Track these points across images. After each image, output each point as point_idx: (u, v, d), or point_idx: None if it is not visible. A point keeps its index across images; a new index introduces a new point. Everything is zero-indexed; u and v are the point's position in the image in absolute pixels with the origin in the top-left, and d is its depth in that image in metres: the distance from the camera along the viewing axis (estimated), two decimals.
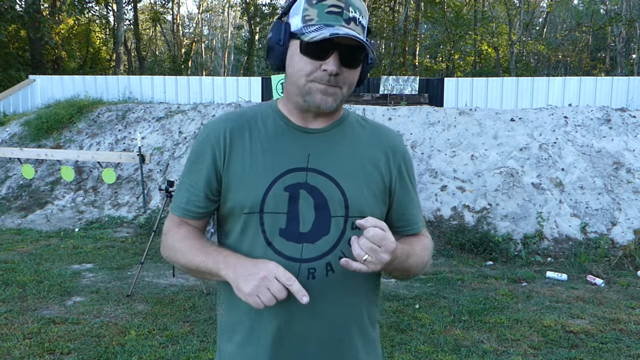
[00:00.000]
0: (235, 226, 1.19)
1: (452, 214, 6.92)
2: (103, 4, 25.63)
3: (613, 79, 11.41)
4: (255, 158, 1.18)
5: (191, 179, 1.22)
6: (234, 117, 1.23)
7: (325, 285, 1.16)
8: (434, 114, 8.47)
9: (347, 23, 1.10)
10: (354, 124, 1.26)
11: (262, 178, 1.16)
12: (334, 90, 1.14)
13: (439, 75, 26.52)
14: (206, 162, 1.20)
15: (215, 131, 1.21)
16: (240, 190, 1.17)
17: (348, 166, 1.20)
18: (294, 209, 1.16)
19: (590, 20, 31.91)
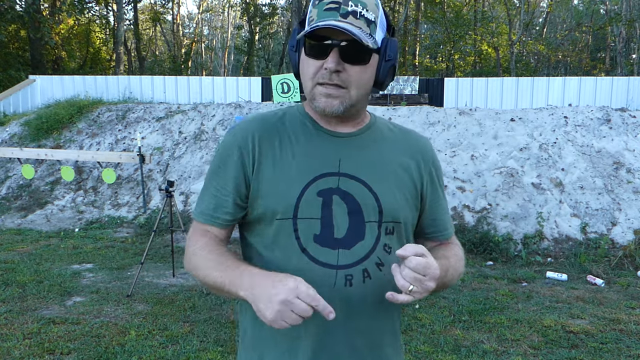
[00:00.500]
0: (266, 233, 1.15)
1: (452, 214, 6.92)
2: (103, 4, 25.64)
3: (613, 79, 11.41)
4: (286, 162, 1.14)
5: (218, 183, 1.17)
6: (261, 119, 1.19)
7: (362, 292, 1.13)
8: (434, 114, 8.47)
9: (345, 17, 1.07)
10: (383, 129, 1.25)
11: (294, 183, 1.13)
12: (338, 92, 1.10)
13: (439, 75, 26.51)
14: (234, 166, 1.16)
15: (242, 134, 1.17)
16: (272, 196, 1.13)
17: (380, 171, 1.18)
18: (327, 215, 1.12)
19: (590, 20, 31.91)
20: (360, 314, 1.14)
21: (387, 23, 1.17)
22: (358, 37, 1.05)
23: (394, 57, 1.16)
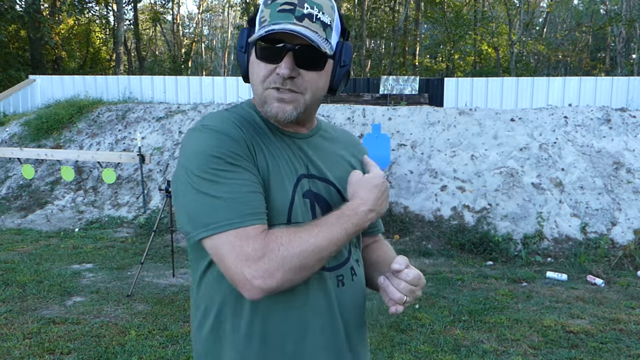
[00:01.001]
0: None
1: (452, 214, 6.91)
2: (103, 4, 25.63)
3: (613, 79, 11.40)
4: (273, 163, 1.06)
5: (244, 178, 0.99)
6: (235, 116, 1.08)
7: (351, 290, 1.14)
8: (434, 114, 8.47)
9: (300, 20, 1.01)
10: (328, 129, 1.25)
11: (285, 185, 1.06)
12: (291, 97, 1.04)
13: (439, 75, 26.52)
14: (247, 158, 1.01)
15: (233, 128, 1.04)
16: (269, 199, 1.04)
17: (337, 169, 1.17)
18: (314, 217, 1.09)
19: (590, 20, 31.91)
20: (351, 311, 1.15)
21: (342, 26, 1.12)
22: (316, 43, 0.99)
23: (348, 63, 1.12)
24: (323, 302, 1.08)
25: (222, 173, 0.98)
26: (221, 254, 0.96)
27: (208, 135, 1.01)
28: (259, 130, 1.09)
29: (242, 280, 0.95)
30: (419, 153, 7.79)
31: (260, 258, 0.94)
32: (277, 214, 1.04)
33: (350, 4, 27.91)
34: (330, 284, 1.10)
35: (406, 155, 7.78)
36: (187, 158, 1.01)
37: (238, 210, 0.96)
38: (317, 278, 1.07)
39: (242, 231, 0.96)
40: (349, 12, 28.10)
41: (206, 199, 0.97)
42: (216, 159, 0.98)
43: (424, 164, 7.62)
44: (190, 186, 0.99)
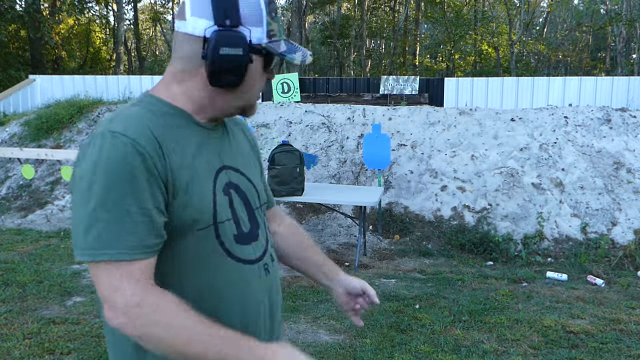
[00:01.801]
0: (184, 246, 1.01)
1: (452, 214, 6.91)
2: (103, 4, 25.63)
3: (613, 79, 11.40)
4: (189, 160, 1.02)
5: (138, 204, 0.92)
6: (147, 117, 1.00)
7: (275, 276, 1.19)
8: (434, 114, 8.47)
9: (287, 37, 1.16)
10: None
11: (204, 184, 1.03)
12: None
13: (439, 75, 26.52)
14: (152, 177, 0.94)
15: (143, 135, 0.95)
16: (189, 204, 0.99)
17: (244, 158, 1.19)
18: (234, 212, 1.09)
19: (590, 20, 31.91)
20: (277, 295, 1.20)
21: None
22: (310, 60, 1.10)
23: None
24: (256, 297, 1.12)
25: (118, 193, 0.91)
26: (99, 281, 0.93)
27: (115, 145, 0.92)
28: (174, 126, 1.03)
29: (111, 306, 0.92)
30: (419, 153, 7.79)
31: (134, 306, 0.90)
32: (203, 215, 1.01)
33: (350, 4, 27.91)
34: (262, 274, 1.13)
35: (406, 155, 7.78)
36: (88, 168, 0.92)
37: (125, 240, 0.91)
38: (249, 272, 1.10)
39: (113, 265, 0.91)
40: (349, 12, 28.10)
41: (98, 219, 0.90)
42: (122, 173, 0.91)
43: (424, 164, 7.62)
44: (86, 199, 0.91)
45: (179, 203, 0.99)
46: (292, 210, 7.28)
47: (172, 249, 1.00)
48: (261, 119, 8.86)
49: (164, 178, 0.96)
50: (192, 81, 1.05)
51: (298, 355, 0.98)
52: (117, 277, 0.91)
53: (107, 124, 0.97)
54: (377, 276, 5.39)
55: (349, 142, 8.17)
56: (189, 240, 1.01)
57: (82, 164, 0.94)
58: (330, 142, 8.23)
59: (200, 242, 1.02)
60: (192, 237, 1.01)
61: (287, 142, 5.55)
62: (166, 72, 1.09)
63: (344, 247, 6.47)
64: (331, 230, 6.91)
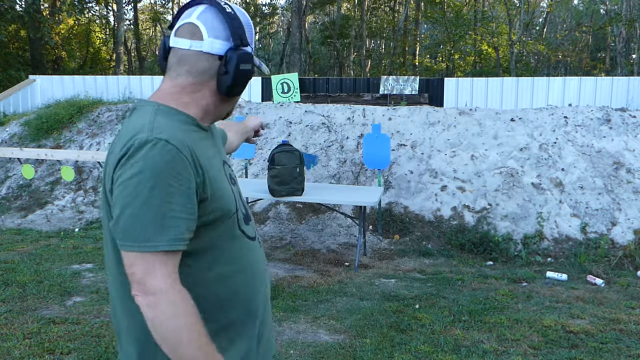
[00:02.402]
0: (216, 233, 1.20)
1: (452, 214, 6.91)
2: (103, 4, 25.62)
3: (613, 79, 11.40)
4: (211, 162, 1.23)
5: (183, 203, 1.09)
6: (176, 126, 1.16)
7: (263, 250, 1.40)
8: (434, 114, 8.47)
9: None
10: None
11: (224, 179, 1.26)
12: None
13: (439, 75, 26.51)
14: (192, 180, 1.11)
15: (182, 144, 1.12)
16: (223, 196, 1.22)
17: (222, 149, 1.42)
18: (239, 197, 1.33)
19: (590, 20, 31.90)
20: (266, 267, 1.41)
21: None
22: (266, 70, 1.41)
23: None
24: (263, 267, 1.36)
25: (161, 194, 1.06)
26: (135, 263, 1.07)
27: (164, 151, 1.08)
28: (192, 131, 1.22)
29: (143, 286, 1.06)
30: (419, 153, 7.79)
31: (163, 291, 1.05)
32: (232, 205, 1.24)
33: (350, 4, 27.91)
34: (260, 249, 1.37)
35: (406, 155, 7.78)
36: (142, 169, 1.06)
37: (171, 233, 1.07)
38: (255, 248, 1.33)
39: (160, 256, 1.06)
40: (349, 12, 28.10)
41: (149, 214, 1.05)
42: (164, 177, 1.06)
43: (424, 164, 7.62)
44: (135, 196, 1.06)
45: (215, 198, 1.17)
46: (292, 210, 7.29)
47: (204, 231, 1.17)
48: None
49: (199, 181, 1.13)
50: (202, 92, 1.24)
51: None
52: (152, 264, 1.05)
53: (148, 132, 1.10)
54: (377, 276, 5.39)
55: (348, 142, 8.17)
56: (222, 225, 1.21)
57: (135, 164, 1.07)
58: (330, 142, 8.23)
59: (228, 226, 1.23)
60: (226, 223, 1.22)
61: (287, 142, 5.55)
62: (172, 85, 1.23)
63: (344, 247, 6.48)
64: (331, 230, 6.91)
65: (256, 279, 1.29)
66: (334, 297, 4.64)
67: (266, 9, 31.68)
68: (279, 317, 4.08)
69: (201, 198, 1.13)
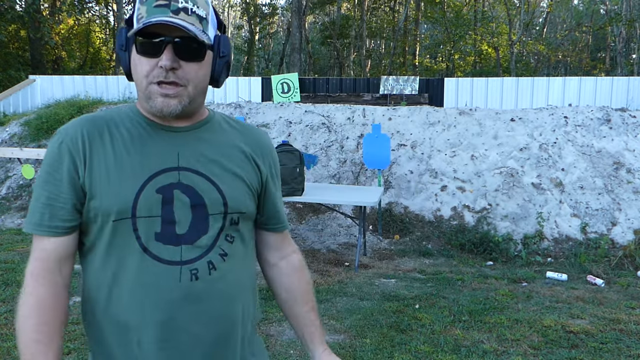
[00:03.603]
0: (100, 236, 1.12)
1: (452, 214, 6.92)
2: (103, 4, 25.63)
3: (613, 79, 11.40)
4: (120, 161, 1.11)
5: (51, 191, 1.10)
6: (90, 119, 1.15)
7: (208, 285, 1.14)
8: (434, 114, 8.47)
9: (176, 14, 1.06)
10: (222, 123, 1.25)
11: (130, 181, 1.10)
12: (175, 91, 1.09)
13: (439, 75, 26.52)
14: (66, 170, 1.10)
15: (71, 135, 1.11)
16: (106, 196, 1.09)
17: (220, 163, 1.18)
18: (168, 211, 1.11)
19: (590, 20, 31.91)
20: (209, 306, 1.14)
21: (218, 20, 1.17)
22: (193, 32, 1.04)
23: (227, 54, 1.16)
24: (168, 296, 1.10)
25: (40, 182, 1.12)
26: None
27: (53, 141, 1.14)
28: (125, 127, 1.14)
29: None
30: (419, 153, 7.80)
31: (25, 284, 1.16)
32: (120, 208, 1.09)
33: (350, 4, 27.92)
34: (183, 277, 1.11)
35: (406, 155, 7.78)
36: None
37: (35, 218, 1.11)
38: (165, 272, 1.10)
39: (34, 239, 1.13)
40: (349, 12, 28.11)
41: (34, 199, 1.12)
42: (45, 166, 1.12)
43: (424, 164, 7.63)
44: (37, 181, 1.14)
45: (99, 192, 1.10)
46: (292, 210, 7.29)
47: (89, 232, 1.13)
48: (261, 119, 8.86)
49: (82, 170, 1.10)
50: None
51: None
52: (31, 255, 1.14)
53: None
54: (377, 276, 5.39)
55: (348, 142, 8.17)
56: (105, 228, 1.11)
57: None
58: (330, 142, 8.23)
59: (115, 232, 1.10)
60: (107, 226, 1.10)
61: (287, 142, 5.55)
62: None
63: (344, 247, 6.48)
64: (331, 230, 6.91)
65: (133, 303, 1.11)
66: (334, 297, 4.64)
67: (266, 9, 31.69)
68: (279, 317, 4.08)
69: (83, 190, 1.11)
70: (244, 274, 1.23)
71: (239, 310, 1.20)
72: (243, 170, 1.21)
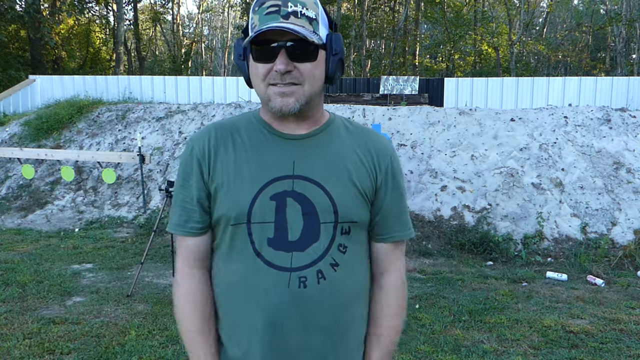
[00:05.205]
0: (223, 238, 1.20)
1: (452, 214, 6.91)
2: (103, 4, 25.63)
3: (613, 79, 11.40)
4: (239, 168, 1.18)
5: (185, 195, 1.22)
6: (217, 127, 1.23)
7: (317, 293, 1.15)
8: (434, 114, 8.47)
9: (286, 18, 1.09)
10: (340, 128, 1.25)
11: (247, 188, 1.16)
12: (291, 90, 1.12)
13: (439, 75, 26.51)
14: (195, 176, 1.20)
15: (199, 144, 1.21)
16: (226, 201, 1.17)
17: (335, 171, 1.19)
18: (281, 218, 1.15)
19: (590, 20, 31.90)
20: (316, 314, 1.16)
21: (329, 19, 1.20)
22: (302, 34, 1.07)
23: (340, 51, 1.18)
24: (275, 301, 1.14)
25: (177, 187, 1.24)
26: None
27: (186, 148, 1.24)
28: (248, 135, 1.21)
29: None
30: (419, 153, 7.80)
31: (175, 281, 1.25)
32: (237, 213, 1.16)
33: (350, 4, 27.90)
34: (292, 284, 1.14)
35: (406, 155, 7.78)
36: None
37: (174, 220, 1.24)
38: (275, 277, 1.14)
39: (178, 240, 1.25)
40: (349, 12, 28.10)
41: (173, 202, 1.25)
42: (180, 172, 1.24)
43: (424, 164, 7.62)
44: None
45: (221, 197, 1.18)
46: None
47: (215, 233, 1.23)
48: None
49: (207, 176, 1.20)
50: None
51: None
52: (177, 250, 1.26)
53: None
54: None
55: None
56: (226, 231, 1.19)
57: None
58: None
59: (233, 236, 1.17)
60: (227, 229, 1.18)
61: None
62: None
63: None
64: None
65: (245, 305, 1.17)
66: None
67: None
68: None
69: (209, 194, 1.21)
70: (355, 285, 1.22)
71: (347, 320, 1.20)
72: (358, 177, 1.20)
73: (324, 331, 1.17)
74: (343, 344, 1.20)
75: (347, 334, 1.21)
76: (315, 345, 1.17)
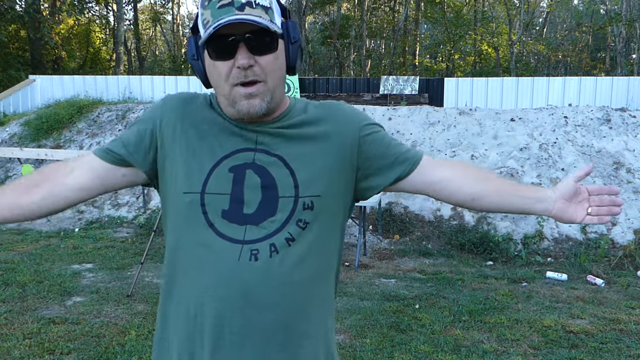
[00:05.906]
0: (174, 207, 1.16)
1: (452, 214, 6.92)
2: (103, 4, 25.63)
3: (613, 79, 11.40)
4: (202, 140, 1.15)
5: (128, 134, 1.19)
6: (191, 98, 1.21)
7: (268, 267, 1.09)
8: (434, 114, 8.47)
9: (241, 10, 1.04)
10: (307, 106, 1.23)
11: (206, 159, 1.14)
12: (256, 89, 1.08)
13: (439, 75, 26.51)
14: (149, 126, 1.18)
15: (170, 103, 1.19)
16: (182, 170, 1.14)
17: (299, 146, 1.16)
18: (238, 190, 1.11)
19: (590, 20, 31.90)
20: (266, 288, 1.09)
21: (281, 7, 1.15)
22: (264, 24, 1.03)
23: (298, 39, 1.14)
24: (224, 271, 1.09)
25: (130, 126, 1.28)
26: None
27: (158, 100, 1.24)
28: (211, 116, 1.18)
29: None
30: None
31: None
32: (192, 182, 1.13)
33: (350, 4, 27.91)
34: (243, 256, 1.09)
35: None
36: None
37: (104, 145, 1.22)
38: (225, 249, 1.10)
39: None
40: (349, 12, 28.10)
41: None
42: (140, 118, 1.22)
43: None
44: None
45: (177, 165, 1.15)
46: None
47: (167, 201, 1.19)
48: None
49: (159, 136, 1.17)
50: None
51: None
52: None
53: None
54: (377, 276, 5.39)
55: None
56: (178, 200, 1.15)
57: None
58: None
59: (186, 205, 1.13)
60: (180, 198, 1.14)
61: None
62: None
63: (344, 247, 6.48)
64: None
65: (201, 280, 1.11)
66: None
67: None
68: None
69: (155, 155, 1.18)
70: (315, 262, 1.15)
71: (301, 298, 1.13)
72: (323, 151, 1.16)
73: (273, 308, 1.10)
74: (296, 323, 1.13)
75: (302, 313, 1.13)
76: (263, 322, 1.09)
